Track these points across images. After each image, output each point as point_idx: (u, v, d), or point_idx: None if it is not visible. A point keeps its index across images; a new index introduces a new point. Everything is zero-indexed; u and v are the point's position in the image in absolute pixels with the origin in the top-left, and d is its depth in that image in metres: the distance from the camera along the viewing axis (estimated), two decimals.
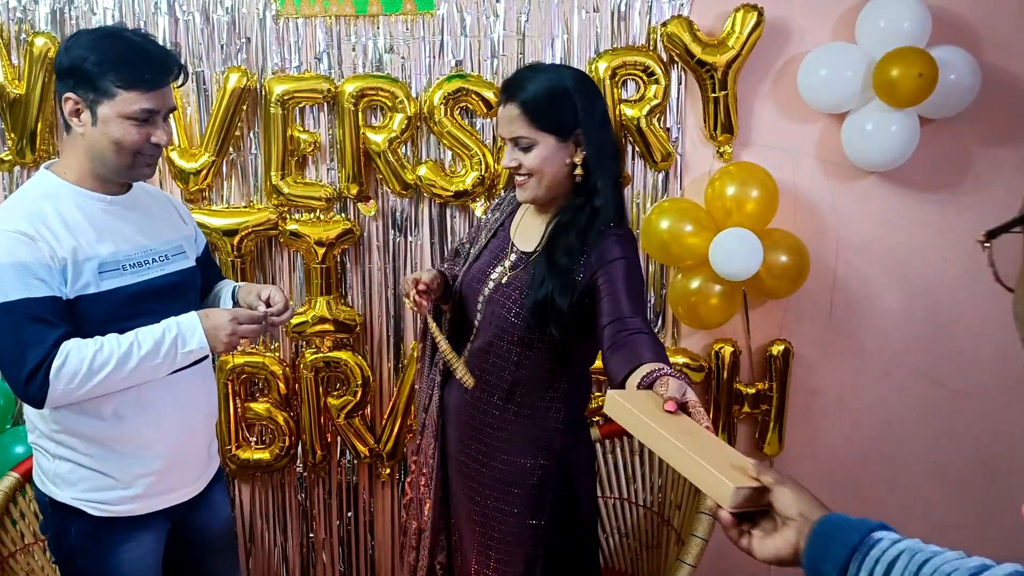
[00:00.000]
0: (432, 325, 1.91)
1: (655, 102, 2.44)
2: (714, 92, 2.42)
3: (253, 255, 2.58)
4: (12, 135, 2.52)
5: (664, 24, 2.41)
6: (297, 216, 2.56)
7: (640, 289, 1.74)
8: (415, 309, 1.88)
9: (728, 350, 2.57)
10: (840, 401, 2.66)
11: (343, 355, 2.61)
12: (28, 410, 1.80)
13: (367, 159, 2.51)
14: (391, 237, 2.60)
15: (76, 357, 1.61)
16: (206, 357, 1.85)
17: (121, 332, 1.68)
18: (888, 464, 2.68)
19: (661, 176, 2.54)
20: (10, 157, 2.54)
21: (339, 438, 2.70)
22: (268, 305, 1.85)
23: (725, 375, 2.58)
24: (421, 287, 1.85)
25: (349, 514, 2.78)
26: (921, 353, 2.60)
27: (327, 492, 2.77)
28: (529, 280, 1.80)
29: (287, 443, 2.67)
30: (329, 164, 2.56)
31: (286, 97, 2.47)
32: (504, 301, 1.83)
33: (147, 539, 1.86)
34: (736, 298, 2.49)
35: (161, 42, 2.42)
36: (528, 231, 1.90)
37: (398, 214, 2.59)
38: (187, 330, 1.72)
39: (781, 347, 2.57)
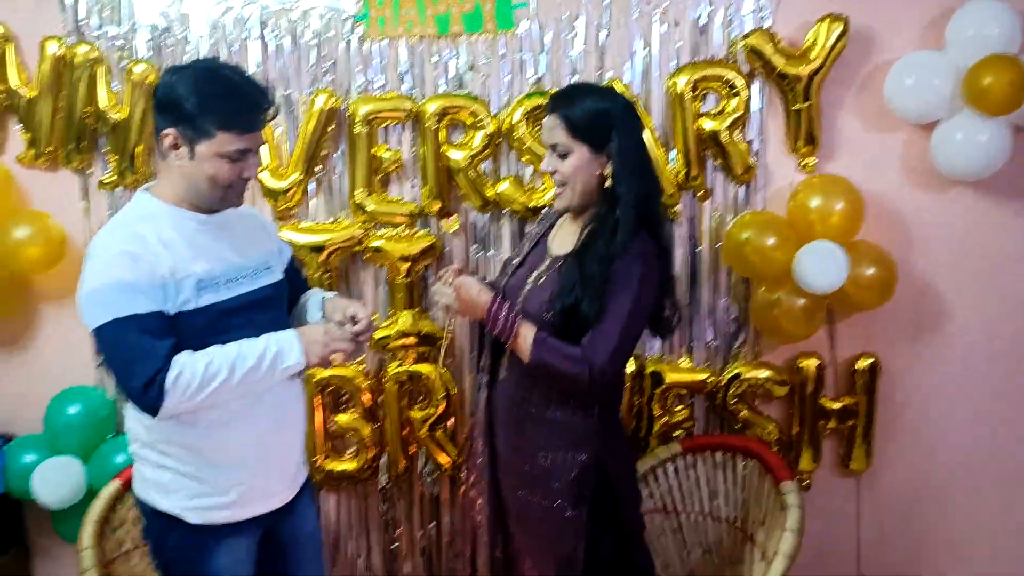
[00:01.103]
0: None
1: (736, 115, 2.43)
2: (796, 104, 2.40)
3: (339, 271, 2.65)
4: (114, 157, 2.65)
5: (745, 36, 2.41)
6: (381, 232, 2.62)
7: (626, 325, 1.85)
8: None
9: (813, 364, 2.53)
10: (929, 416, 2.59)
11: (426, 368, 2.65)
12: (129, 422, 1.89)
13: (449, 176, 2.56)
14: (472, 252, 2.64)
15: (190, 370, 1.68)
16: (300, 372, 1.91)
17: (217, 345, 1.76)
18: (978, 480, 2.60)
19: (742, 189, 2.52)
20: (113, 178, 2.67)
21: (422, 450, 2.74)
22: (353, 322, 1.91)
23: (810, 389, 2.54)
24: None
25: (431, 525, 2.82)
26: (1013, 366, 2.52)
27: (409, 503, 2.82)
28: (560, 282, 1.91)
29: (371, 454, 2.73)
30: (412, 181, 2.62)
31: (370, 117, 2.53)
32: (537, 302, 1.94)
33: (241, 545, 1.93)
34: (820, 311, 2.46)
35: (252, 67, 2.56)
36: (563, 238, 2.02)
37: (479, 229, 2.63)
38: (286, 347, 1.79)
39: (868, 361, 2.52)
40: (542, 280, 1.97)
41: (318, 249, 2.59)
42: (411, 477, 2.79)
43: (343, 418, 2.71)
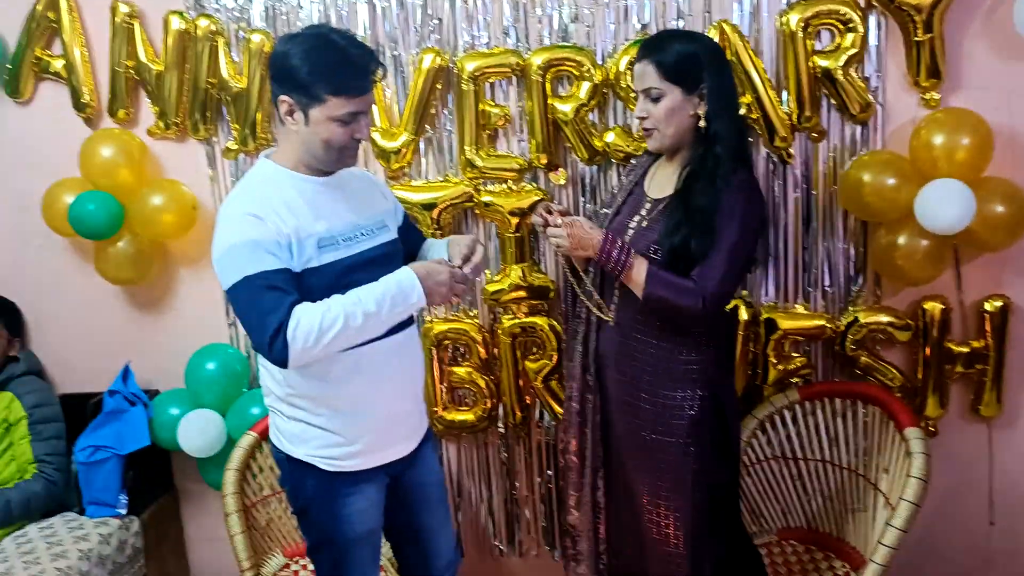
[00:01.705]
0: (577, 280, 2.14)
1: (852, 51, 2.34)
2: (918, 36, 2.28)
3: (451, 227, 2.71)
4: (236, 125, 2.77)
5: None
6: (491, 188, 2.66)
7: (733, 254, 1.92)
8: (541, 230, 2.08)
9: (938, 307, 2.44)
10: None
11: (538, 320, 2.70)
12: (263, 377, 2.01)
13: (556, 129, 2.57)
14: (581, 204, 2.65)
15: (307, 319, 1.75)
16: (412, 323, 2.00)
17: None
18: None
19: (859, 129, 2.43)
20: (236, 146, 2.80)
21: (537, 400, 2.80)
22: (466, 259, 1.98)
23: (935, 333, 2.45)
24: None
25: (549, 472, 2.88)
26: None
27: (528, 451, 2.89)
28: (665, 223, 1.98)
29: (488, 405, 2.80)
30: (519, 136, 2.64)
31: (477, 73, 2.56)
32: (644, 243, 2.00)
33: (371, 491, 2.04)
34: (946, 253, 2.36)
35: (360, 30, 2.61)
36: (660, 182, 2.08)
37: (587, 181, 2.63)
38: (407, 285, 1.85)
39: (999, 303, 2.42)
40: (645, 223, 2.05)
41: (430, 207, 2.65)
42: (529, 426, 2.85)
43: (460, 371, 2.79)
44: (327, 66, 1.78)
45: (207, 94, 2.77)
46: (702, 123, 1.97)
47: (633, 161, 2.31)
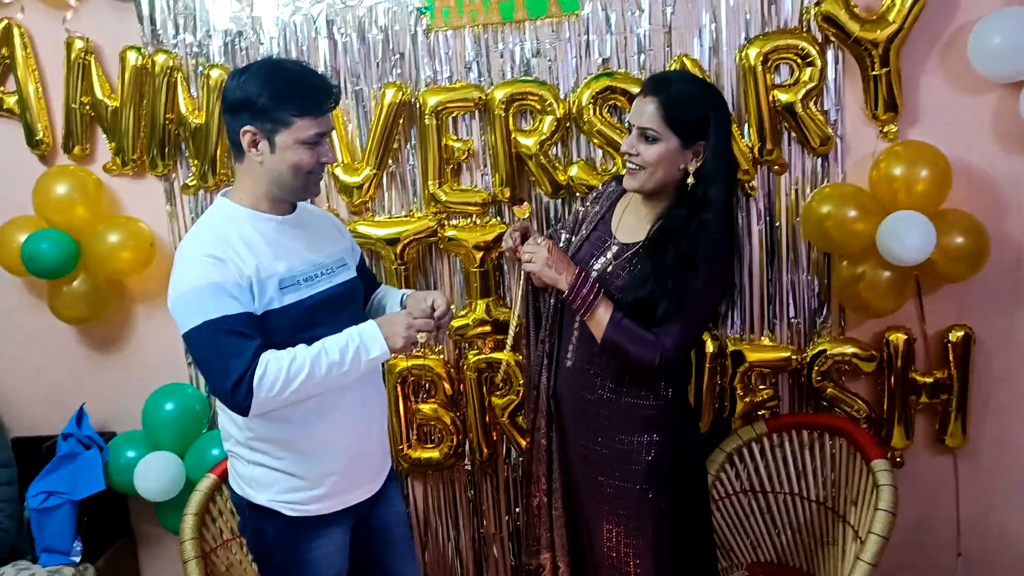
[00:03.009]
0: (521, 283, 2.13)
1: (811, 85, 2.36)
2: (875, 70, 2.31)
3: (415, 262, 2.69)
4: (195, 161, 2.73)
5: (818, 3, 2.33)
6: (454, 222, 2.64)
7: (696, 314, 1.92)
8: (510, 253, 2.05)
9: (901, 338, 2.45)
10: None
11: (504, 355, 2.66)
12: (223, 421, 1.95)
13: (519, 162, 2.56)
14: (550, 233, 2.63)
15: (274, 367, 1.72)
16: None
17: (301, 343, 1.79)
18: None
19: (820, 161, 2.45)
20: (194, 182, 2.76)
21: (504, 436, 2.76)
22: (433, 310, 1.92)
23: (899, 364, 2.46)
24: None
25: (517, 509, 2.84)
26: None
27: (495, 488, 2.85)
28: (633, 275, 1.93)
29: (455, 442, 2.76)
30: (483, 170, 2.63)
31: (439, 108, 2.55)
32: (609, 290, 1.94)
33: (336, 535, 1.98)
34: (908, 284, 2.38)
35: (322, 64, 2.60)
36: (630, 225, 2.01)
37: (552, 215, 2.62)
38: (368, 339, 1.81)
39: (961, 333, 2.43)
40: (611, 268, 1.99)
41: (393, 242, 2.63)
42: (496, 462, 2.81)
43: (426, 408, 2.75)
44: (288, 88, 1.77)
45: (165, 130, 2.73)
46: (691, 180, 1.90)
47: (600, 188, 2.24)
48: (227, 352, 1.71)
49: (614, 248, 2.01)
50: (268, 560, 1.98)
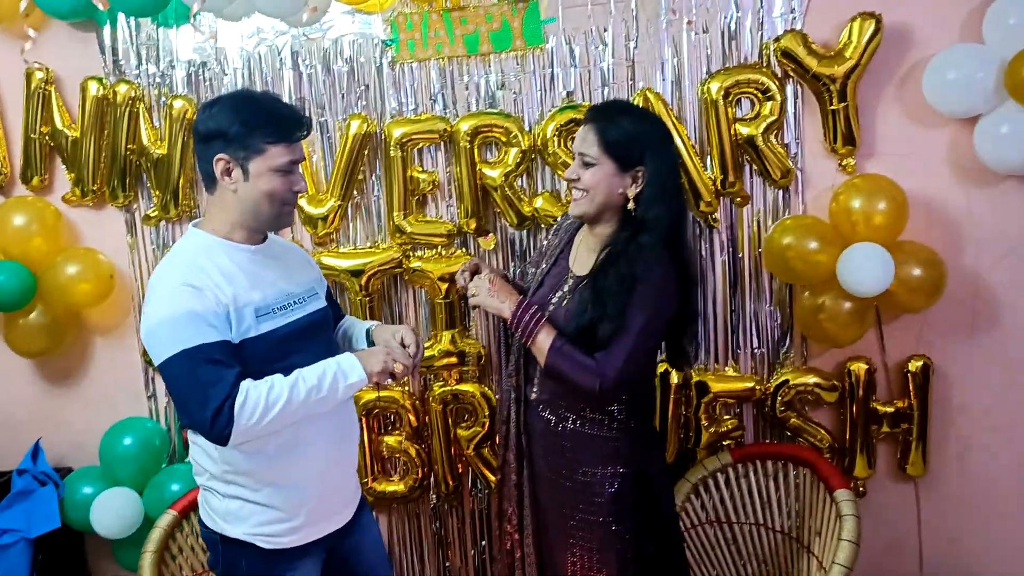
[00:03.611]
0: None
1: (771, 119, 2.40)
2: (833, 104, 2.36)
3: (380, 293, 2.67)
4: (157, 192, 2.70)
5: (777, 39, 2.37)
6: (420, 253, 2.63)
7: (640, 339, 1.89)
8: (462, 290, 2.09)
9: (862, 368, 2.48)
10: (988, 417, 2.51)
11: (470, 387, 2.66)
12: (195, 454, 1.91)
13: (484, 194, 2.57)
14: (511, 269, 2.64)
15: (254, 394, 1.71)
16: None
17: (276, 371, 1.78)
18: None
19: (781, 193, 2.48)
20: (156, 213, 2.73)
21: (470, 468, 2.74)
22: (403, 345, 1.94)
23: (860, 394, 2.48)
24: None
25: (483, 542, 2.82)
26: None
27: (460, 521, 2.82)
28: (577, 302, 1.95)
29: (420, 474, 2.74)
30: (448, 201, 2.63)
31: (405, 139, 2.55)
32: (558, 320, 1.97)
33: (308, 567, 1.95)
34: (868, 314, 2.41)
35: (287, 95, 2.60)
36: (583, 256, 2.04)
37: (517, 246, 2.63)
38: (347, 365, 1.82)
39: (920, 362, 2.46)
40: (566, 300, 2.01)
41: (358, 273, 2.62)
42: (461, 495, 2.79)
43: (391, 440, 2.73)
44: (260, 116, 1.78)
45: (126, 160, 2.71)
46: (631, 204, 1.93)
47: (560, 220, 2.26)
48: (206, 381, 1.70)
49: (570, 281, 2.03)
50: None
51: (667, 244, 1.91)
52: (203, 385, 1.69)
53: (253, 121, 1.77)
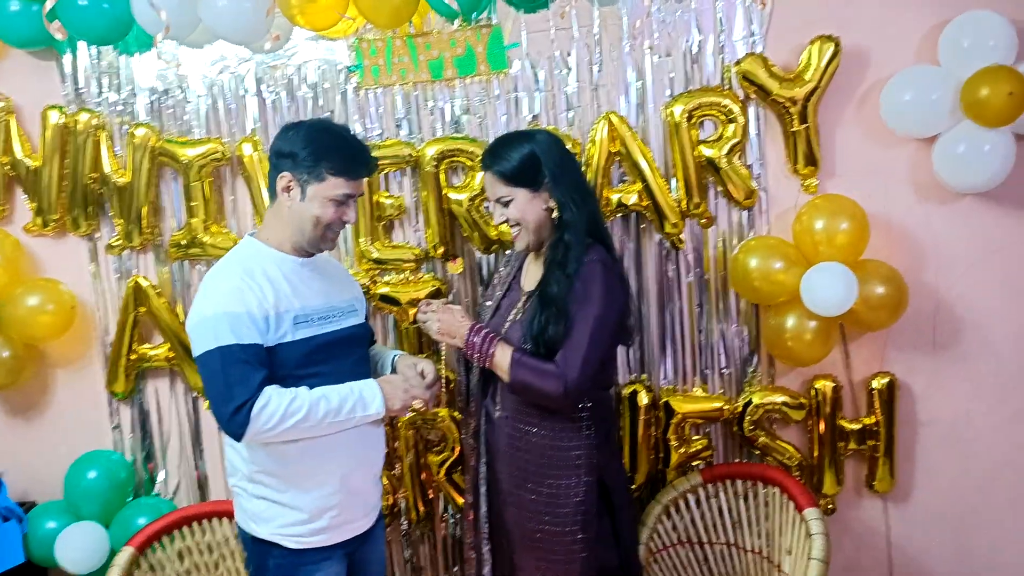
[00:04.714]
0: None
1: (734, 140, 2.43)
2: (794, 126, 2.39)
3: None
4: (120, 220, 2.67)
5: (738, 63, 2.40)
6: (387, 279, 2.62)
7: (593, 335, 1.94)
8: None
9: (828, 386, 2.50)
10: (954, 431, 2.54)
11: (439, 411, 2.64)
12: (229, 454, 2.02)
13: (451, 218, 2.57)
14: (479, 293, 2.63)
15: (275, 402, 1.84)
16: None
17: (309, 377, 1.91)
18: (1010, 494, 2.54)
19: (745, 214, 2.51)
20: (119, 241, 2.70)
21: (441, 493, 2.72)
22: (423, 377, 2.06)
23: (827, 411, 2.50)
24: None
25: (455, 568, 2.80)
26: None
27: (432, 547, 2.80)
28: (530, 317, 2.01)
29: (390, 500, 2.72)
30: (415, 226, 2.63)
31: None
32: (516, 336, 2.04)
33: (333, 568, 2.03)
34: (833, 333, 2.43)
35: (251, 123, 2.58)
36: (532, 273, 2.13)
37: (484, 269, 2.63)
38: (368, 396, 1.95)
39: (885, 379, 2.49)
40: (520, 315, 2.08)
41: None
42: (433, 520, 2.77)
43: None
44: (330, 148, 1.92)
45: (88, 189, 2.68)
46: (555, 214, 2.02)
47: (508, 252, 2.35)
48: (233, 379, 1.82)
49: (522, 298, 2.11)
50: None
51: (591, 234, 2.01)
52: (230, 382, 1.82)
53: (322, 151, 1.90)
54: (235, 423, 1.82)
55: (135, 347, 2.72)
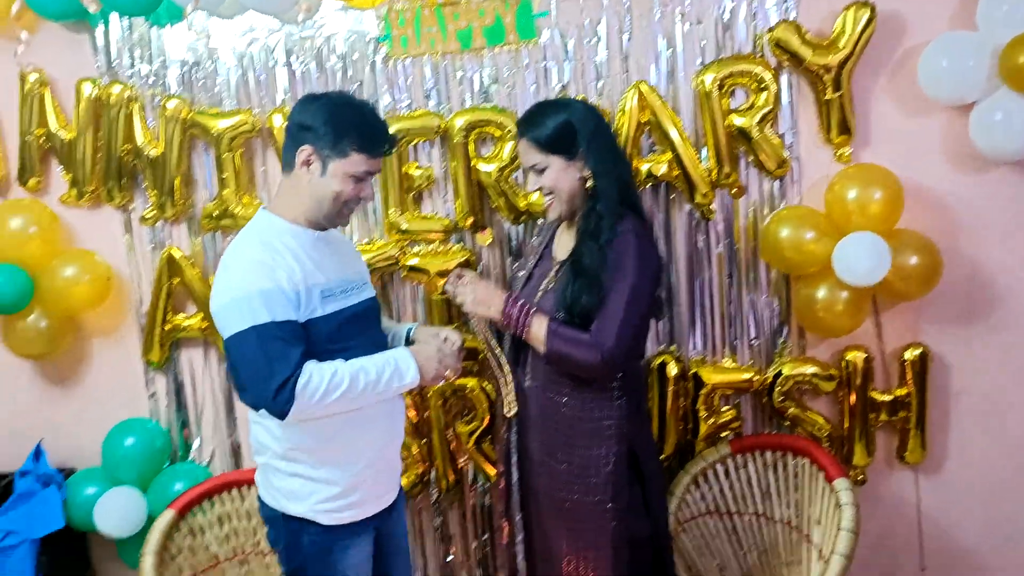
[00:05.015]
0: (493, 344, 2.17)
1: (766, 109, 2.40)
2: (827, 94, 2.35)
3: (378, 290, 2.67)
4: (153, 192, 2.70)
5: (771, 30, 2.37)
6: (416, 249, 2.63)
7: (629, 304, 1.94)
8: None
9: (860, 357, 2.48)
10: (987, 402, 2.52)
11: (469, 382, 2.66)
12: (257, 434, 2.00)
13: (480, 189, 2.57)
14: (508, 264, 2.64)
15: (317, 376, 1.81)
16: None
17: (340, 351, 1.89)
18: None
19: (777, 184, 2.48)
20: (152, 213, 2.73)
21: (470, 462, 2.75)
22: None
23: (858, 383, 2.49)
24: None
25: (485, 536, 2.83)
26: None
27: (462, 515, 2.83)
28: (560, 284, 2.03)
29: (421, 469, 2.75)
30: (444, 197, 2.63)
31: (399, 136, 2.55)
32: (548, 305, 2.04)
33: (364, 544, 2.05)
34: (864, 303, 2.41)
35: (280, 94, 2.59)
36: (565, 243, 2.12)
37: (513, 241, 2.63)
38: (404, 365, 1.94)
39: (917, 350, 2.47)
40: (552, 285, 2.08)
41: None
42: (463, 489, 2.80)
43: None
44: (354, 124, 1.89)
45: (122, 161, 2.71)
46: (589, 184, 2.01)
47: (540, 222, 2.33)
48: (273, 357, 1.79)
49: (555, 267, 2.11)
50: (303, 570, 2.00)
51: (624, 204, 2.01)
52: (270, 361, 1.79)
53: (346, 127, 1.87)
54: (280, 401, 1.79)
55: (169, 317, 2.77)
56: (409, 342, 2.15)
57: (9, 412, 2.93)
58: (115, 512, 2.65)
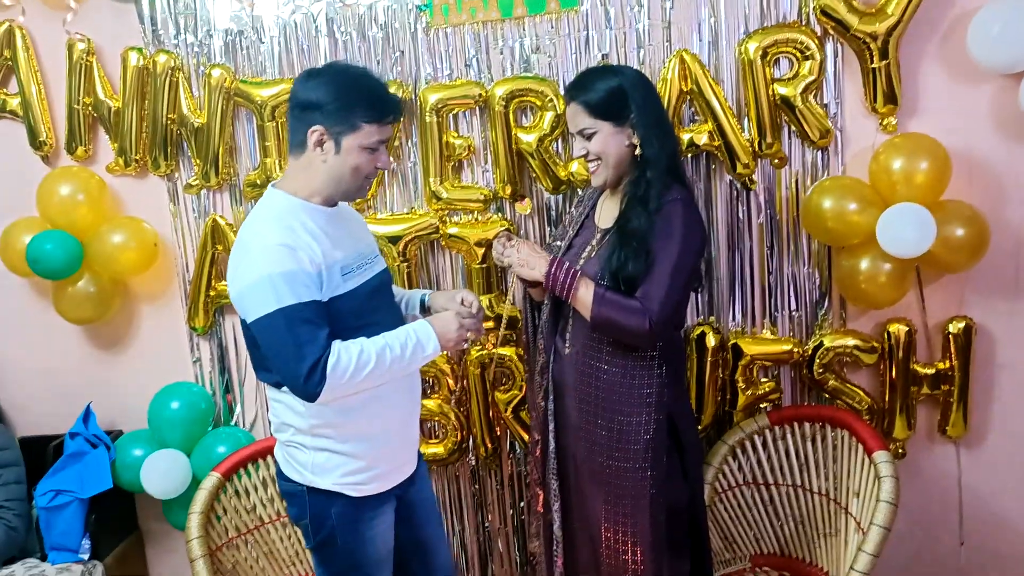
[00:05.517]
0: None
1: (810, 78, 2.37)
2: (874, 63, 2.32)
3: (417, 259, 2.70)
4: (197, 160, 2.74)
5: None
6: (456, 219, 2.65)
7: (675, 272, 1.95)
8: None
9: (903, 329, 2.46)
10: None
11: (507, 351, 2.68)
12: (279, 411, 1.99)
13: (520, 159, 2.57)
14: (547, 233, 2.64)
15: (346, 356, 1.80)
16: None
17: (364, 327, 1.88)
18: None
19: (820, 154, 2.45)
20: (197, 181, 2.77)
21: (508, 431, 2.77)
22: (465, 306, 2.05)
23: (900, 355, 2.47)
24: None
25: (522, 503, 2.86)
26: None
27: (499, 483, 2.86)
28: (607, 250, 2.03)
29: (459, 437, 2.78)
30: (484, 166, 2.64)
31: (440, 105, 2.56)
32: (592, 271, 2.04)
33: (388, 513, 2.07)
34: (909, 275, 2.39)
35: (322, 61, 2.61)
36: (607, 212, 2.13)
37: (553, 211, 2.63)
38: (424, 337, 1.92)
39: (962, 323, 2.44)
40: (595, 252, 2.09)
41: (395, 239, 2.64)
42: (500, 457, 2.83)
43: (430, 403, 2.76)
44: (361, 94, 1.86)
45: (167, 129, 2.75)
46: (638, 151, 2.01)
47: (581, 192, 2.35)
48: (302, 339, 1.77)
49: (597, 235, 2.11)
50: (332, 542, 2.02)
51: (670, 172, 2.01)
52: (299, 343, 1.77)
53: (353, 99, 1.84)
54: (311, 383, 1.77)
55: (214, 284, 2.81)
56: (424, 309, 2.16)
57: (60, 375, 3.01)
58: (161, 473, 2.71)
